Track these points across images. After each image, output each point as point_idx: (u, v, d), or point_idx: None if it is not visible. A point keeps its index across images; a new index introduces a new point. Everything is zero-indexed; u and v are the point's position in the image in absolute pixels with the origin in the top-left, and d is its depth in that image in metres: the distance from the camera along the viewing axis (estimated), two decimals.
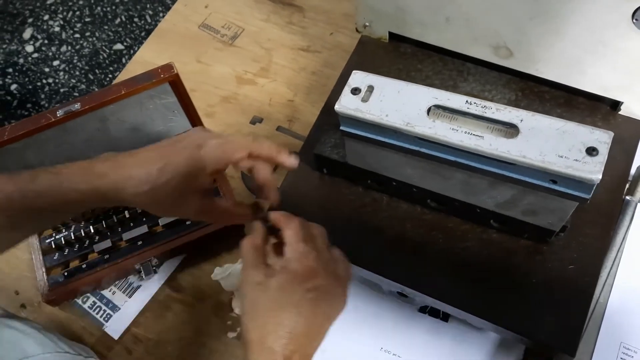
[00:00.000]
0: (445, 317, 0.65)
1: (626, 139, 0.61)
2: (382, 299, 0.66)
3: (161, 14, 1.97)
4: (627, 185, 0.64)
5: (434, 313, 0.65)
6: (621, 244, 0.60)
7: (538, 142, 0.46)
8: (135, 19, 2.00)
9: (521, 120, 0.47)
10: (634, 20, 0.51)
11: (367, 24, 0.68)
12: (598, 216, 0.57)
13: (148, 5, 2.03)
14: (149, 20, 2.01)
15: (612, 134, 0.46)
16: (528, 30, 0.57)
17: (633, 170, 0.65)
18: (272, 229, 0.51)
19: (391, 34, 0.69)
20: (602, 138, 0.45)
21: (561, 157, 0.45)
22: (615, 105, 0.62)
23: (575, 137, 0.46)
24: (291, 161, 0.52)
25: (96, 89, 1.88)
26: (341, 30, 0.85)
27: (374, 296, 0.66)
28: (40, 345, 0.57)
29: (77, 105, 0.64)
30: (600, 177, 0.44)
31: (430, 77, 0.67)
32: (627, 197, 0.63)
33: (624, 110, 0.62)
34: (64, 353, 0.58)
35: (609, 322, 0.57)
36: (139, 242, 0.70)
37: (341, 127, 0.54)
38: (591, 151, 0.45)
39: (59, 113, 0.64)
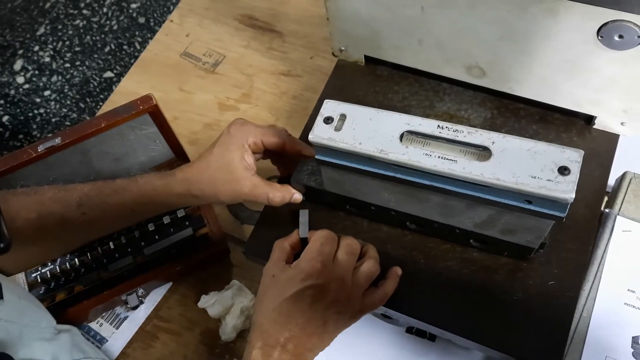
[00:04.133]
0: (432, 337, 0.64)
1: (602, 152, 0.62)
2: (370, 321, 0.66)
3: (150, 41, 2.00)
4: (606, 198, 0.65)
5: (420, 333, 0.65)
6: (602, 256, 0.61)
7: (510, 163, 0.46)
8: (125, 47, 2.02)
9: (493, 143, 0.47)
10: (599, 38, 0.52)
11: (343, 48, 0.69)
12: (577, 230, 0.57)
13: (137, 33, 2.05)
14: (138, 47, 2.03)
15: (582, 152, 0.46)
16: (498, 50, 0.58)
17: (612, 182, 0.66)
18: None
19: (367, 57, 0.69)
20: (572, 157, 0.46)
21: (534, 177, 0.45)
22: (590, 119, 0.63)
23: (547, 157, 0.46)
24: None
25: (88, 118, 1.90)
26: (321, 54, 0.86)
27: (362, 319, 0.66)
28: (94, 350, 0.66)
29: (58, 140, 0.64)
30: (573, 196, 0.44)
31: (407, 98, 0.68)
32: (607, 210, 0.63)
33: (598, 124, 0.62)
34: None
35: (594, 336, 0.57)
36: (125, 273, 0.70)
37: (316, 156, 0.54)
38: (563, 170, 0.45)
39: (40, 148, 0.64)
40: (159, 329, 0.70)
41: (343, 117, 0.51)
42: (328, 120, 0.51)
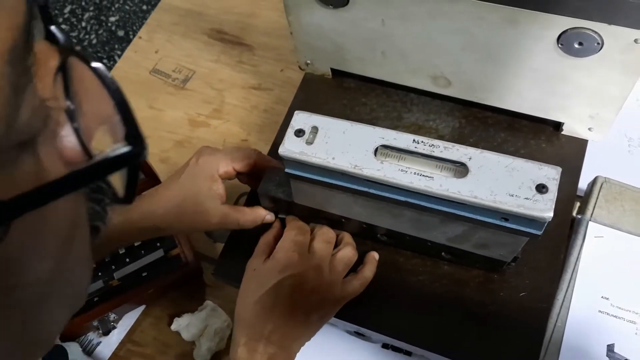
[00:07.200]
0: (408, 352, 0.64)
1: (571, 158, 0.61)
2: (344, 338, 0.65)
3: None
4: (578, 204, 0.64)
5: (396, 348, 0.64)
6: (575, 264, 0.60)
7: (488, 180, 0.45)
8: (105, 60, 2.00)
9: (470, 159, 0.46)
10: (560, 45, 0.51)
11: (309, 61, 0.69)
12: (547, 240, 0.56)
13: (116, 46, 2.04)
14: (118, 60, 2.01)
15: (560, 169, 0.45)
16: (461, 60, 0.57)
17: (584, 187, 0.66)
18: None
19: (334, 70, 0.69)
20: (550, 174, 0.45)
21: (512, 195, 0.44)
22: (558, 125, 0.62)
23: (524, 174, 0.45)
24: None
25: None
26: (291, 66, 0.85)
27: (338, 336, 0.65)
28: None
29: None
30: (552, 214, 0.43)
31: (375, 110, 0.67)
32: (578, 216, 0.62)
33: (566, 130, 0.62)
34: None
35: (569, 346, 0.56)
36: (95, 299, 0.69)
37: (286, 170, 0.53)
38: (541, 188, 0.44)
39: None
40: (132, 353, 0.69)
41: (315, 129, 0.50)
42: (299, 133, 0.49)
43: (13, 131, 0.18)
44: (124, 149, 0.21)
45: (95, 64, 0.21)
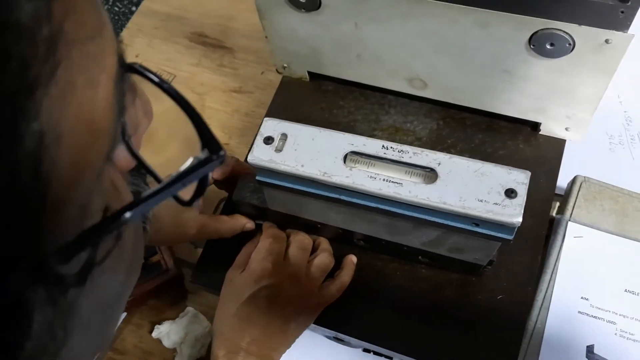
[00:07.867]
0: (389, 357, 0.63)
1: (549, 158, 0.61)
2: (325, 342, 0.64)
3: None
4: (558, 204, 0.64)
5: (378, 353, 0.63)
6: (555, 264, 0.60)
7: (457, 186, 0.45)
8: None
9: (439, 164, 0.46)
10: (531, 47, 0.51)
11: (286, 65, 0.68)
12: (525, 241, 0.57)
13: None
14: None
15: (529, 173, 0.45)
16: (435, 63, 0.57)
17: (565, 185, 0.65)
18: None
19: (311, 73, 0.68)
20: (519, 178, 0.45)
21: (481, 201, 0.44)
22: (536, 126, 0.62)
23: (493, 178, 0.45)
24: None
25: None
26: (271, 68, 0.84)
27: (319, 341, 0.65)
28: None
29: None
30: (520, 220, 0.43)
31: (353, 113, 0.66)
32: (558, 216, 0.62)
33: (543, 130, 0.62)
34: None
35: (548, 347, 0.56)
36: None
37: (257, 177, 0.53)
38: (510, 193, 0.44)
39: None
40: None
41: (284, 136, 0.50)
42: (268, 140, 0.49)
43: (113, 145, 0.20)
44: (204, 155, 0.22)
45: (164, 84, 0.23)
